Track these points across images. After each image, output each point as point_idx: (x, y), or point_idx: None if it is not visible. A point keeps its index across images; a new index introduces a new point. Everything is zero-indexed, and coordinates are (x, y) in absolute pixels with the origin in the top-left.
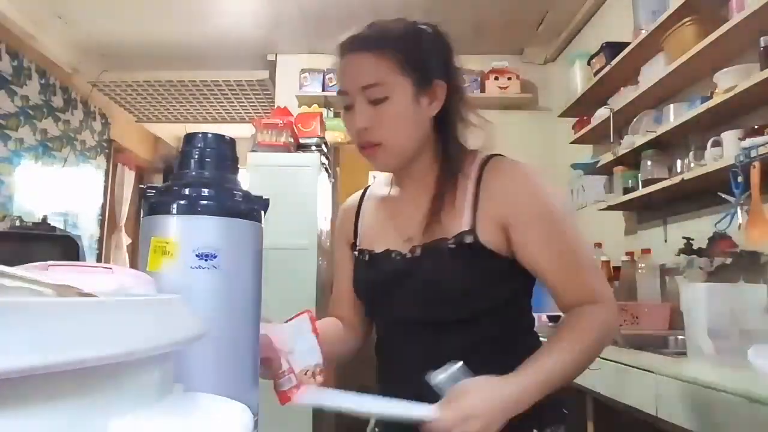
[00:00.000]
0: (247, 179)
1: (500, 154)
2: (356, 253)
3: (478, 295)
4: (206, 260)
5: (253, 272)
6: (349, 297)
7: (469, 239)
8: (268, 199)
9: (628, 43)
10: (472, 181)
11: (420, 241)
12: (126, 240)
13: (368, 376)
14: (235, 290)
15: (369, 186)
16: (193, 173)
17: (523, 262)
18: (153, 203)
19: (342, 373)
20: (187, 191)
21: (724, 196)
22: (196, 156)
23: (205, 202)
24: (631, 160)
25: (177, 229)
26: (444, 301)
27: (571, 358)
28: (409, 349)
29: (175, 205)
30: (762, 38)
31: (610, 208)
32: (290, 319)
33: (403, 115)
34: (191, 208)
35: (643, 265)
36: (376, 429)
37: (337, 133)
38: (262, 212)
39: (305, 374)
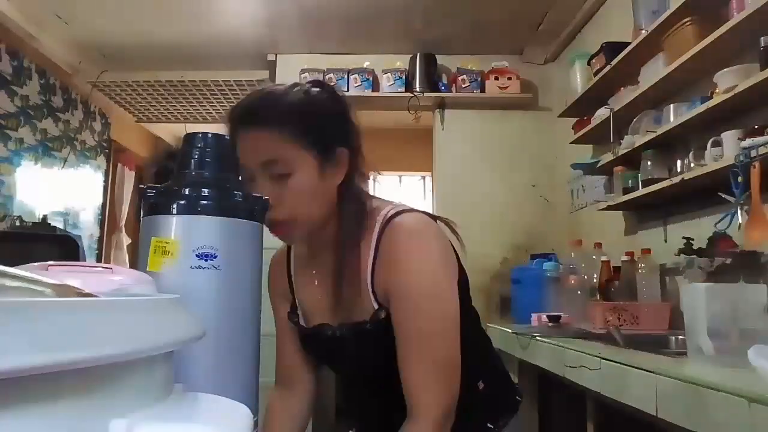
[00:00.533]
0: None
1: (403, 211)
2: (296, 321)
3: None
4: (206, 260)
5: (253, 272)
6: (295, 354)
7: (382, 314)
8: (268, 199)
9: (628, 43)
10: (372, 249)
11: (342, 319)
12: (126, 240)
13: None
14: (234, 290)
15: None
16: (193, 173)
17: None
18: (153, 203)
19: None
20: (187, 191)
21: (724, 196)
22: (196, 156)
23: (205, 202)
24: (631, 160)
25: (177, 229)
26: (379, 368)
27: None
28: (369, 393)
29: (175, 205)
30: (762, 38)
31: (610, 208)
32: None
33: (309, 189)
34: (191, 208)
35: (643, 265)
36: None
37: None
38: (262, 212)
39: None
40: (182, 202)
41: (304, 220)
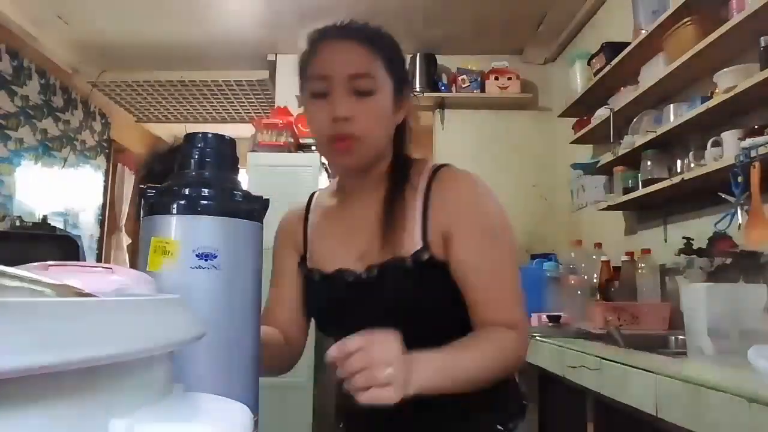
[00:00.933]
0: (247, 179)
1: (448, 165)
2: (306, 270)
3: (440, 313)
4: (206, 260)
5: (253, 272)
6: (291, 308)
7: (425, 256)
8: (268, 199)
9: (628, 43)
10: (420, 194)
11: (375, 260)
12: (126, 240)
13: None
14: (235, 290)
15: (314, 193)
16: (193, 173)
17: (454, 274)
18: (153, 203)
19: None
20: (187, 191)
21: (724, 196)
22: (196, 156)
23: (205, 201)
24: (631, 160)
25: (177, 229)
26: (406, 321)
27: (474, 366)
28: None
29: (175, 205)
30: (762, 38)
31: (610, 208)
32: None
33: (385, 114)
34: (191, 208)
35: (643, 265)
36: (341, 426)
37: None
38: (262, 212)
39: None
40: (182, 201)
41: (371, 143)
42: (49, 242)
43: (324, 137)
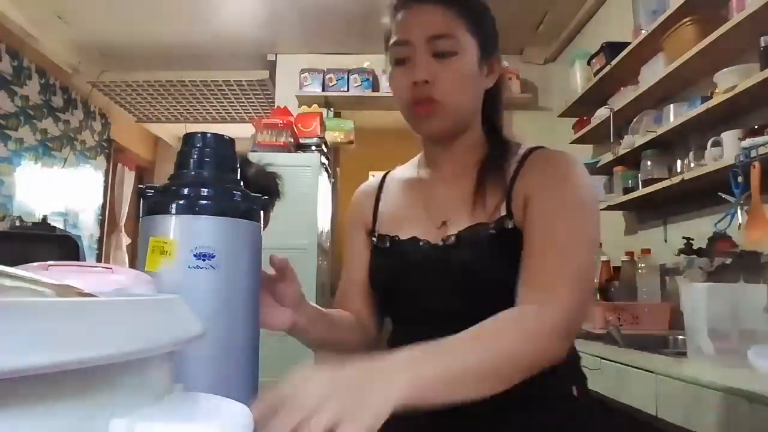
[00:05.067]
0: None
1: (544, 147)
2: (375, 239)
3: (511, 287)
4: (204, 260)
5: (252, 272)
6: (362, 290)
7: (509, 224)
8: (267, 199)
9: (628, 43)
10: (513, 166)
11: (456, 228)
12: (126, 240)
13: None
14: (233, 290)
15: (389, 171)
16: (192, 173)
17: (524, 239)
18: (151, 203)
19: None
20: (185, 191)
21: (724, 196)
22: (195, 156)
23: (203, 201)
24: (631, 160)
25: (175, 228)
26: (483, 292)
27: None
28: (433, 338)
29: (173, 205)
30: (762, 38)
31: (610, 208)
32: None
33: (468, 76)
34: (189, 207)
35: (643, 265)
36: None
37: (337, 133)
38: (261, 212)
39: None
40: (180, 201)
41: (453, 107)
42: (49, 242)
43: (405, 102)
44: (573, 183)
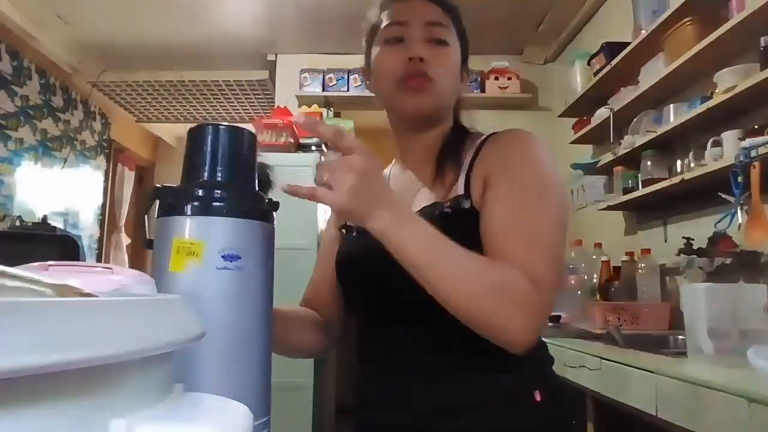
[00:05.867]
0: None
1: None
2: (343, 230)
3: None
4: (231, 261)
5: (270, 273)
6: (330, 285)
7: (466, 204)
8: (277, 202)
9: (628, 43)
10: (473, 148)
11: (415, 209)
12: (126, 240)
13: None
14: (256, 291)
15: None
16: (217, 171)
17: (482, 221)
18: (174, 203)
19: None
20: (217, 192)
21: (724, 196)
22: (217, 153)
23: (230, 203)
24: (631, 160)
25: (202, 230)
26: None
27: (461, 264)
28: (396, 330)
29: (198, 206)
30: (762, 38)
31: (610, 208)
32: None
33: (456, 68)
34: (217, 209)
35: (643, 265)
36: None
37: None
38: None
39: None
40: (211, 203)
41: (443, 89)
42: (49, 242)
43: (396, 76)
44: (532, 164)
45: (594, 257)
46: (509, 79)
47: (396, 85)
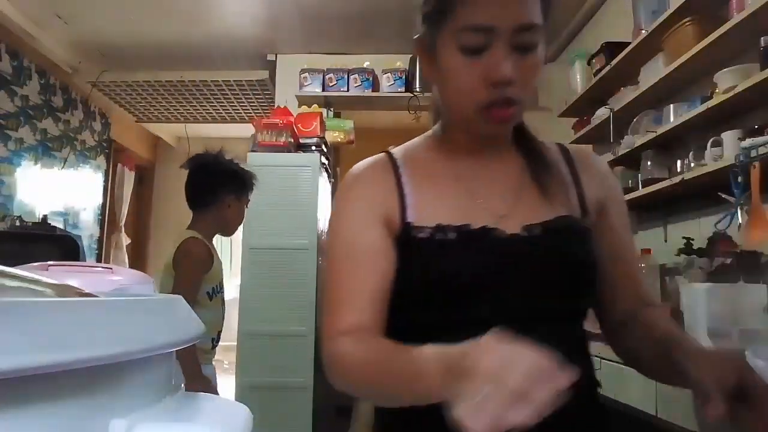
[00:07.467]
0: None
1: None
2: (424, 231)
3: (594, 279)
4: None
5: None
6: (382, 302)
7: (587, 222)
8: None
9: (628, 43)
10: (563, 163)
11: (530, 220)
12: (126, 240)
13: None
14: None
15: (390, 152)
16: None
17: (608, 245)
18: None
19: None
20: None
21: (724, 196)
22: None
23: None
24: (631, 160)
25: None
26: (570, 282)
27: None
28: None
29: None
30: (762, 38)
31: None
32: None
33: (540, 68)
34: None
35: (643, 265)
36: None
37: (337, 133)
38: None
39: None
40: None
41: (525, 105)
42: (49, 242)
43: (478, 104)
44: (623, 194)
45: None
46: None
47: (476, 109)
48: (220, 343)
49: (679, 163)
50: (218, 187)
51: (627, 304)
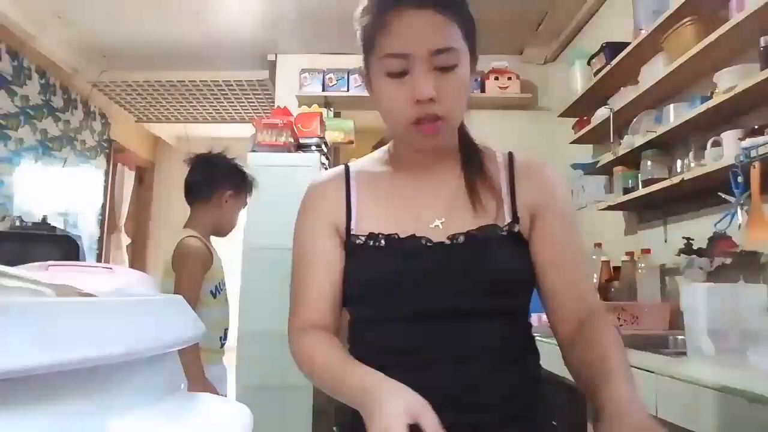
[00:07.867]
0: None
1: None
2: (359, 238)
3: (521, 288)
4: None
5: None
6: (334, 301)
7: (516, 228)
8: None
9: (628, 43)
10: (504, 170)
11: (458, 229)
12: (126, 240)
13: None
14: None
15: (347, 164)
16: None
17: (537, 255)
18: None
19: None
20: None
21: (724, 196)
22: None
23: None
24: (631, 160)
25: None
26: (492, 291)
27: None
28: (436, 342)
29: None
30: (762, 38)
31: (610, 208)
32: None
33: (465, 87)
34: None
35: (643, 265)
36: (335, 429)
37: (337, 133)
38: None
39: None
40: None
41: (455, 120)
42: (49, 242)
43: (405, 120)
44: (565, 196)
45: (594, 257)
46: (509, 79)
47: (406, 126)
48: None
49: (679, 163)
50: (217, 178)
51: (570, 312)
